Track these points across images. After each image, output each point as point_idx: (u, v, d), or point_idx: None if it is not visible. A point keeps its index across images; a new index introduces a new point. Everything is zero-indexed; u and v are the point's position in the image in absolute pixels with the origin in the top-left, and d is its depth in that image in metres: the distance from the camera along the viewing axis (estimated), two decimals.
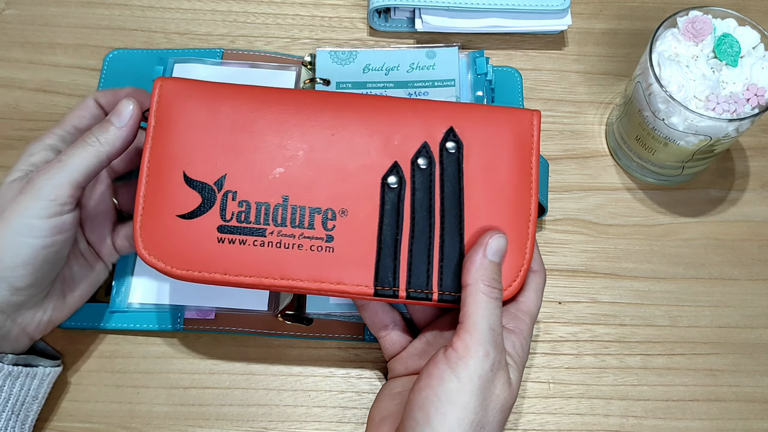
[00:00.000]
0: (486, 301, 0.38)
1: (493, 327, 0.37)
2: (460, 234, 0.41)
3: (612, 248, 0.54)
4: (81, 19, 0.61)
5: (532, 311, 0.41)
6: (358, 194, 0.41)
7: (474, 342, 0.37)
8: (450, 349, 0.38)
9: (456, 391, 0.36)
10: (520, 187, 0.41)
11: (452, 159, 0.41)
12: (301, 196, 0.41)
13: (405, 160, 0.41)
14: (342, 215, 0.41)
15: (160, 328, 0.50)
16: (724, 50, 0.48)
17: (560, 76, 0.60)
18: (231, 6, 0.62)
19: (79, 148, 0.41)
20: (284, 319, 0.49)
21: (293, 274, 0.40)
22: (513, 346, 0.40)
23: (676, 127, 0.48)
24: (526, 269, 0.41)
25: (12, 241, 0.40)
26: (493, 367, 0.37)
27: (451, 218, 0.41)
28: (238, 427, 0.48)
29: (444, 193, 0.41)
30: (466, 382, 0.36)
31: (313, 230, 0.40)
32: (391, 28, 0.61)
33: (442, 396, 0.36)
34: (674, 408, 0.49)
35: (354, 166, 0.41)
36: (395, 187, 0.41)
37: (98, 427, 0.48)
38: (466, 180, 0.41)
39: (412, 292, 0.40)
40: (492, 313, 0.38)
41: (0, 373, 0.41)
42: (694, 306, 0.52)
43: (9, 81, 0.58)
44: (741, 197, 0.56)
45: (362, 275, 0.40)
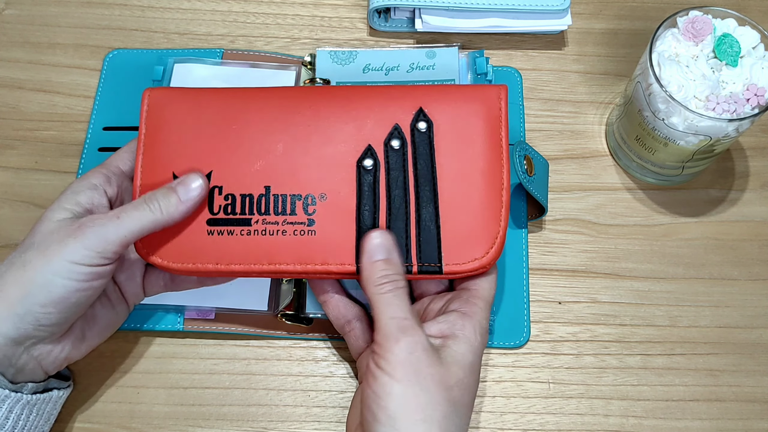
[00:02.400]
0: (381, 298, 0.40)
1: (393, 315, 0.39)
2: (435, 207, 0.43)
3: (612, 248, 0.54)
4: (81, 19, 0.61)
5: (486, 297, 0.43)
6: (336, 179, 0.43)
7: (383, 337, 0.39)
8: (373, 353, 0.40)
9: (389, 384, 0.38)
10: (492, 158, 0.43)
11: (423, 137, 0.44)
12: (282, 185, 0.43)
13: (378, 143, 0.44)
14: (321, 200, 0.43)
15: (160, 328, 0.50)
16: (724, 50, 0.48)
17: (560, 76, 0.60)
18: (231, 6, 0.62)
19: (139, 210, 0.41)
20: (284, 319, 0.49)
21: (280, 258, 0.42)
22: (462, 327, 0.41)
23: (676, 127, 0.48)
24: (502, 236, 0.42)
25: (49, 280, 0.39)
26: (410, 349, 0.38)
27: (425, 193, 0.43)
28: (238, 427, 0.48)
29: (417, 170, 0.43)
30: (393, 373, 0.38)
31: (295, 216, 0.43)
32: (391, 28, 0.61)
33: (379, 391, 0.38)
34: (674, 408, 0.49)
35: (331, 153, 0.43)
36: (370, 169, 0.43)
37: (98, 427, 0.48)
38: (438, 156, 0.43)
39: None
40: (389, 304, 0.40)
41: (19, 403, 0.41)
42: (694, 306, 0.52)
43: (9, 81, 0.59)
44: (741, 197, 0.56)
45: (345, 255, 0.42)
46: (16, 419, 0.41)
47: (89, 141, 0.56)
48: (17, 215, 0.54)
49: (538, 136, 0.57)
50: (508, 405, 0.49)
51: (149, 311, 0.50)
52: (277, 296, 0.50)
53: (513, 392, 0.49)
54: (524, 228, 0.53)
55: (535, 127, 0.58)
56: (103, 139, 0.56)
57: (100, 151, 0.55)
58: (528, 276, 0.52)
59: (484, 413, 0.48)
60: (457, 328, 0.41)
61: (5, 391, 0.40)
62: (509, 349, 0.50)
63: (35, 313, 0.40)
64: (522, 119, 0.57)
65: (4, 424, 0.40)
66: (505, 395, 0.49)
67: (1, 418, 0.40)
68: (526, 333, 0.50)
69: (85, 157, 0.55)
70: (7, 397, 0.40)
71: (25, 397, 0.41)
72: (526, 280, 0.52)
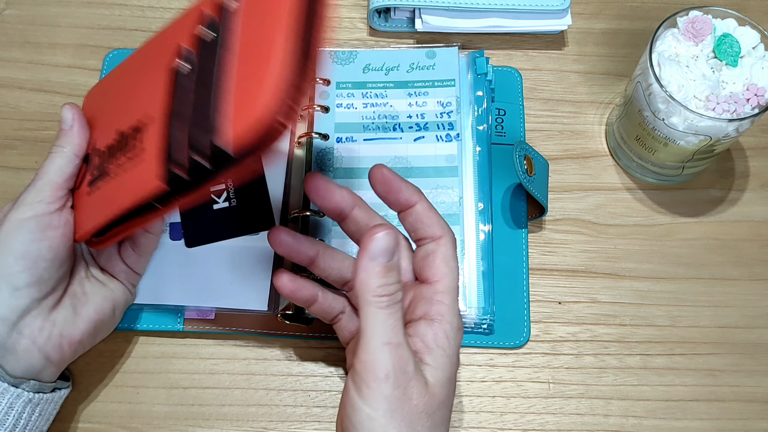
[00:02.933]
0: (376, 314, 0.35)
1: (388, 341, 0.35)
2: (217, 85, 0.36)
3: (612, 248, 0.54)
4: (81, 19, 0.61)
5: (449, 286, 0.39)
6: (153, 96, 0.40)
7: (371, 363, 0.35)
8: (353, 370, 0.36)
9: (368, 419, 0.35)
10: (295, 16, 0.33)
11: (223, 25, 0.37)
12: (123, 125, 0.42)
13: (192, 43, 0.39)
14: (150, 122, 0.39)
15: (160, 328, 0.50)
16: (724, 50, 0.48)
17: (560, 76, 0.60)
18: None
19: (47, 159, 0.44)
20: (284, 319, 0.49)
21: (135, 190, 0.39)
22: (435, 337, 0.37)
23: (676, 127, 0.48)
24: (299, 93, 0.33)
25: (4, 240, 0.41)
26: (397, 384, 0.35)
27: (207, 72, 0.37)
28: (238, 427, 0.48)
29: (207, 60, 0.37)
30: (375, 407, 0.35)
31: (134, 149, 0.40)
32: (391, 28, 0.61)
33: (358, 425, 0.35)
34: (674, 408, 0.49)
35: (153, 79, 0.40)
36: (178, 72, 0.39)
37: (98, 427, 0.48)
38: (233, 37, 0.36)
39: (174, 167, 0.37)
40: (385, 324, 0.35)
41: (20, 400, 0.40)
42: (694, 306, 0.52)
43: (9, 81, 0.59)
44: (741, 197, 0.56)
45: (157, 169, 0.38)
46: (17, 416, 0.40)
47: None
48: None
49: (538, 136, 0.57)
50: (508, 405, 0.49)
51: (149, 311, 0.50)
52: (277, 296, 0.50)
53: (513, 392, 0.49)
54: (524, 228, 0.53)
55: (535, 127, 0.58)
56: None
57: None
58: (528, 276, 0.52)
59: (484, 413, 0.48)
60: (428, 339, 0.37)
61: (4, 384, 0.40)
62: (509, 349, 0.50)
63: (4, 276, 0.40)
64: (522, 119, 0.57)
65: (5, 420, 0.40)
66: (505, 395, 0.49)
67: (2, 414, 0.39)
68: (526, 333, 0.50)
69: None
70: (6, 391, 0.40)
71: (26, 395, 0.41)
72: (526, 280, 0.52)
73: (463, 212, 0.51)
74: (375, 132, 0.54)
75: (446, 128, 0.54)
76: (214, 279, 0.50)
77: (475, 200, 0.52)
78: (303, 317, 0.49)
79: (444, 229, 0.40)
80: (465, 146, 0.53)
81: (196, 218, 0.52)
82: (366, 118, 0.55)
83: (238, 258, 0.51)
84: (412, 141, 0.54)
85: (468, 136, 0.54)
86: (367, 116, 0.55)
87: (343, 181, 0.52)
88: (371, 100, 0.55)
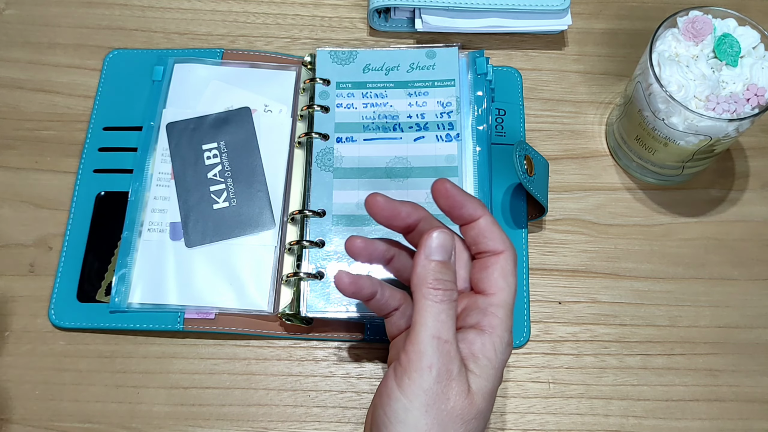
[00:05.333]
0: (430, 307, 0.35)
1: (438, 334, 0.35)
2: None
3: (612, 248, 0.54)
4: (81, 19, 0.61)
5: (505, 300, 0.38)
6: None
7: (416, 354, 0.35)
8: (396, 362, 0.36)
9: (403, 410, 0.35)
10: None
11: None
12: None
13: None
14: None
15: (160, 328, 0.50)
16: (724, 50, 0.48)
17: (560, 76, 0.60)
18: (231, 6, 0.62)
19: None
20: (284, 319, 0.49)
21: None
22: (482, 347, 0.37)
23: (676, 127, 0.48)
24: None
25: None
26: (440, 379, 0.35)
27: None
28: (238, 427, 0.48)
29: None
30: (412, 399, 0.35)
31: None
32: (391, 28, 0.61)
33: (391, 415, 0.35)
34: (674, 408, 0.49)
35: None
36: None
37: (98, 427, 0.48)
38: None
39: None
40: (437, 318, 0.35)
41: None
42: (694, 306, 0.52)
43: (9, 81, 0.59)
44: (741, 197, 0.56)
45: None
46: None
47: (89, 141, 0.56)
48: (17, 215, 0.54)
49: (538, 136, 0.57)
50: (508, 405, 0.49)
51: (149, 311, 0.50)
52: (277, 296, 0.50)
53: (513, 392, 0.49)
54: (524, 228, 0.53)
55: (535, 127, 0.58)
56: (103, 139, 0.56)
57: (100, 151, 0.55)
58: (528, 276, 0.52)
59: None
60: (476, 348, 0.37)
61: None
62: None
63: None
64: (522, 119, 0.57)
65: None
66: (505, 395, 0.49)
67: None
68: (526, 333, 0.50)
69: (85, 157, 0.55)
70: None
71: None
72: (526, 280, 0.52)
73: None
74: (375, 132, 0.54)
75: (446, 128, 0.54)
76: (214, 279, 0.50)
77: None
78: (303, 317, 0.49)
79: (506, 244, 0.40)
80: (465, 146, 0.53)
81: (197, 218, 0.52)
82: (366, 118, 0.55)
83: (238, 258, 0.51)
84: (412, 141, 0.54)
85: (468, 136, 0.54)
86: (367, 116, 0.55)
87: (343, 181, 0.52)
88: (371, 100, 0.55)
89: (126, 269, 0.50)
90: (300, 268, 0.50)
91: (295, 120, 0.56)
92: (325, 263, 0.50)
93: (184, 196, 0.53)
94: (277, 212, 0.52)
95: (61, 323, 0.49)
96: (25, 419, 0.47)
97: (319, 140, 0.54)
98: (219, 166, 0.54)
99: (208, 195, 0.53)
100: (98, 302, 0.50)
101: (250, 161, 0.54)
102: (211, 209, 0.52)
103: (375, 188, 0.52)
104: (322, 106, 0.55)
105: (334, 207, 0.51)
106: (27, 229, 0.53)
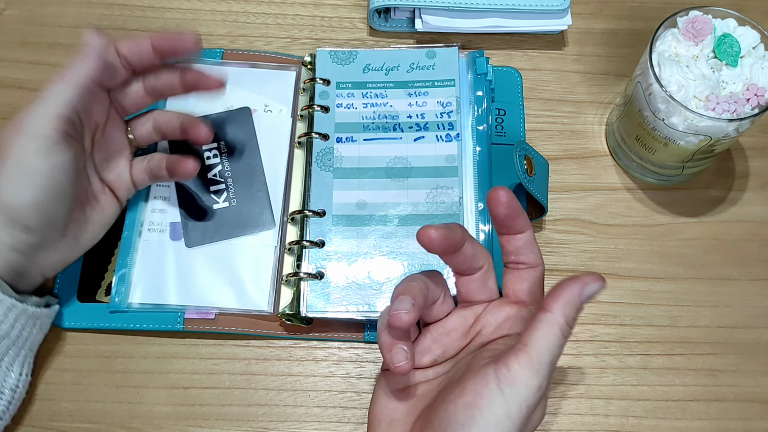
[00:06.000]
0: (557, 336, 0.36)
1: (553, 361, 0.36)
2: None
3: (612, 248, 0.54)
4: (81, 19, 0.61)
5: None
6: None
7: (533, 371, 0.35)
8: (504, 368, 0.35)
9: (504, 417, 0.35)
10: None
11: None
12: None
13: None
14: None
15: (161, 328, 0.50)
16: (724, 50, 0.48)
17: (560, 76, 0.60)
18: (231, 6, 0.62)
19: (55, 81, 0.43)
20: (284, 319, 0.49)
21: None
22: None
23: (676, 127, 0.48)
24: None
25: (15, 181, 0.42)
26: (542, 397, 0.36)
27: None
28: (238, 427, 0.48)
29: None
30: (514, 409, 0.35)
31: None
32: (391, 28, 0.61)
33: (488, 418, 0.35)
34: (674, 408, 0.49)
35: None
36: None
37: (98, 427, 0.48)
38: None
39: None
40: (558, 347, 0.36)
41: (24, 314, 0.44)
42: (694, 306, 0.52)
43: (9, 81, 0.58)
44: (741, 197, 0.56)
45: None
46: (21, 329, 0.44)
47: None
48: None
49: (538, 136, 0.57)
50: None
51: (149, 311, 0.50)
52: (277, 296, 0.50)
53: None
54: None
55: (535, 127, 0.58)
56: None
57: None
58: None
59: None
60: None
61: (11, 300, 0.43)
62: None
63: (18, 219, 0.43)
64: (522, 119, 0.57)
65: (9, 332, 0.43)
66: None
67: (7, 326, 0.43)
68: None
69: None
70: (13, 306, 0.43)
71: (30, 309, 0.44)
72: None
73: (463, 212, 0.51)
74: (375, 132, 0.54)
75: (446, 128, 0.54)
76: (214, 279, 0.50)
77: (475, 200, 0.52)
78: (303, 317, 0.49)
79: (540, 259, 0.42)
80: (465, 146, 0.53)
81: (197, 218, 0.52)
82: (366, 118, 0.55)
83: (238, 258, 0.51)
84: (412, 141, 0.54)
85: (468, 136, 0.54)
86: (367, 116, 0.55)
87: (343, 181, 0.52)
88: (371, 100, 0.55)
89: (126, 269, 0.50)
90: (300, 268, 0.50)
91: (295, 120, 0.56)
92: (325, 263, 0.50)
93: (184, 197, 0.53)
94: (277, 212, 0.52)
95: (61, 323, 0.49)
96: (25, 419, 0.47)
97: (319, 140, 0.54)
98: (219, 166, 0.54)
99: (208, 195, 0.53)
100: (98, 302, 0.50)
101: (250, 161, 0.54)
102: (211, 209, 0.52)
103: (375, 188, 0.52)
104: (322, 106, 0.55)
105: (334, 207, 0.51)
106: None
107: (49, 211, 0.44)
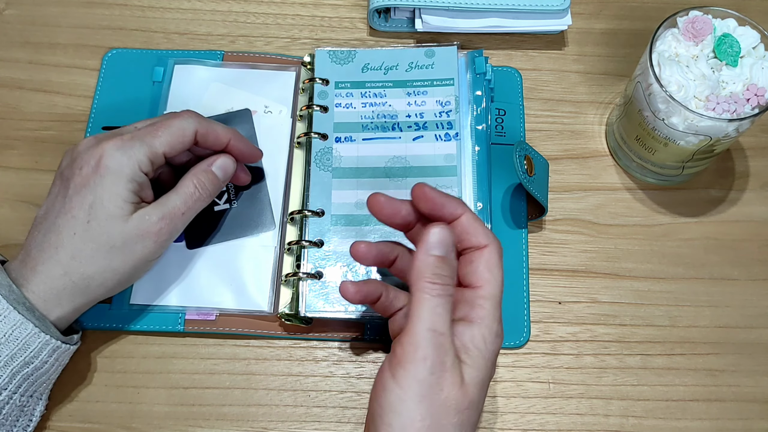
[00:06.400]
0: (427, 300, 0.36)
1: (433, 327, 0.36)
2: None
3: (612, 248, 0.54)
4: (81, 19, 0.61)
5: (491, 292, 0.39)
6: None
7: (412, 346, 0.36)
8: (391, 353, 0.37)
9: (398, 400, 0.35)
10: None
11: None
12: None
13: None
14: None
15: (161, 329, 0.50)
16: (724, 50, 0.48)
17: (560, 76, 0.60)
18: (231, 6, 0.62)
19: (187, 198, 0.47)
20: (284, 319, 0.49)
21: None
22: (472, 338, 0.38)
23: (676, 127, 0.48)
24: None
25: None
26: (434, 370, 0.35)
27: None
28: (238, 427, 0.48)
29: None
30: (406, 389, 0.35)
31: None
32: (391, 28, 0.61)
33: (385, 406, 0.36)
34: (674, 408, 0.49)
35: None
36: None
37: (98, 427, 0.48)
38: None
39: None
40: (433, 311, 0.36)
41: (65, 354, 0.45)
42: (694, 306, 0.52)
43: (9, 81, 0.59)
44: (741, 197, 0.56)
45: None
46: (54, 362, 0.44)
47: None
48: (17, 215, 0.54)
49: (538, 136, 0.57)
50: (508, 405, 0.49)
51: (149, 311, 0.50)
52: (277, 296, 0.50)
53: (513, 392, 0.49)
54: (524, 228, 0.53)
55: (535, 127, 0.58)
56: None
57: None
58: (528, 276, 0.52)
59: (484, 413, 0.48)
60: (465, 339, 0.38)
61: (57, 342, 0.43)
62: (509, 349, 0.50)
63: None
64: (522, 119, 0.57)
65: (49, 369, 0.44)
66: (505, 395, 0.49)
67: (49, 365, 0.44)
68: (526, 333, 0.50)
69: None
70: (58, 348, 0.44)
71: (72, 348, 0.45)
72: (526, 280, 0.52)
73: None
74: (374, 131, 0.54)
75: (445, 128, 0.54)
76: (214, 280, 0.50)
77: (474, 200, 0.52)
78: (303, 317, 0.49)
79: (489, 238, 0.40)
80: (464, 146, 0.53)
81: (197, 219, 0.52)
82: (365, 118, 0.55)
83: (238, 259, 0.51)
84: (411, 140, 0.54)
85: (467, 136, 0.54)
86: (366, 116, 0.55)
87: (341, 181, 0.52)
88: (370, 100, 0.55)
89: None
90: (299, 268, 0.50)
91: (295, 120, 0.56)
92: (324, 263, 0.50)
93: None
94: (277, 213, 0.52)
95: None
96: None
97: (318, 140, 0.54)
98: None
99: None
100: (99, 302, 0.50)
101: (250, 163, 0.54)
102: (212, 211, 0.52)
103: (374, 188, 0.52)
104: (321, 106, 0.55)
105: (333, 207, 0.51)
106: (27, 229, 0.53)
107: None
